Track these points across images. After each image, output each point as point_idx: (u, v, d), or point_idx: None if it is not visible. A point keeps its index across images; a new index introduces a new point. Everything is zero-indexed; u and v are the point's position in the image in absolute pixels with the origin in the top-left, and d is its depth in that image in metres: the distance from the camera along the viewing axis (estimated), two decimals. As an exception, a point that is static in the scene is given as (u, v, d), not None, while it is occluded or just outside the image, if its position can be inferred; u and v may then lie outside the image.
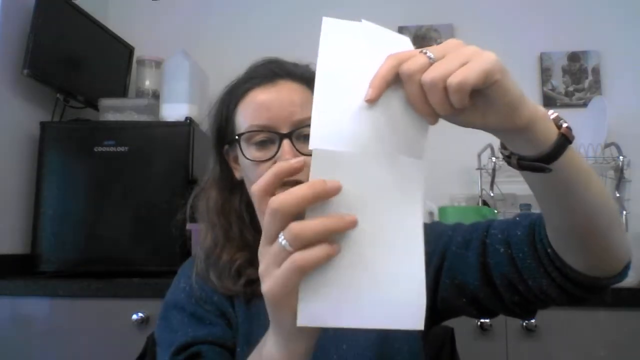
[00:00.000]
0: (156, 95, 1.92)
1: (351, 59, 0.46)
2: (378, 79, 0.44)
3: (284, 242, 0.43)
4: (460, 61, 0.43)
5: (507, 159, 0.52)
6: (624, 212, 1.75)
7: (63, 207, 1.61)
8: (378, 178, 0.45)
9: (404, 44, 0.48)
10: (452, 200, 1.84)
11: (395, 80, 0.45)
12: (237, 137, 0.75)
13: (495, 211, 1.73)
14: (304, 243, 0.43)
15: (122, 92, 2.03)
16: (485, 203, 1.80)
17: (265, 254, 0.45)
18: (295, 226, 0.43)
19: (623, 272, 0.59)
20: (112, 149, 1.62)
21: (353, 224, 0.43)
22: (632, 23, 2.02)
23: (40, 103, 1.79)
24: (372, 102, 0.44)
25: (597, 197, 0.54)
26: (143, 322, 1.40)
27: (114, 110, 1.77)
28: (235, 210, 0.79)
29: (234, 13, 2.21)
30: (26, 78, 1.65)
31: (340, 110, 0.45)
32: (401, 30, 2.11)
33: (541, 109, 0.49)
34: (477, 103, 0.46)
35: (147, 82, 1.98)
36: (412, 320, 0.44)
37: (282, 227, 0.43)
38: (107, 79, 1.99)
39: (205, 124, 1.88)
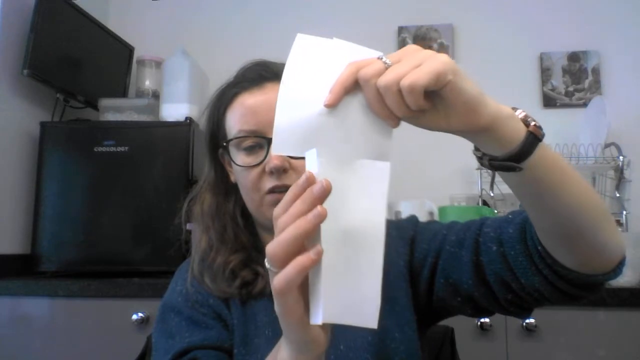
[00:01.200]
0: (156, 95, 1.92)
1: (316, 71, 0.48)
2: (337, 84, 0.46)
3: (267, 265, 0.46)
4: (414, 64, 0.45)
5: (480, 160, 0.53)
6: (624, 212, 1.75)
7: (63, 207, 1.61)
8: (343, 182, 0.46)
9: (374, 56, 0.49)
10: (452, 200, 1.84)
11: (356, 87, 0.47)
12: (225, 143, 0.76)
13: (495, 211, 1.73)
14: (282, 261, 0.45)
15: (122, 92, 2.03)
16: (485, 203, 1.80)
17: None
18: (269, 247, 0.45)
19: (617, 269, 0.59)
20: (112, 149, 1.62)
21: (320, 217, 0.44)
22: (632, 23, 2.02)
23: (40, 103, 1.79)
24: (330, 106, 0.46)
25: (578, 195, 0.53)
26: (143, 322, 1.40)
27: (114, 110, 1.77)
28: (229, 214, 0.80)
29: (234, 13, 2.21)
30: (26, 78, 1.65)
31: (303, 117, 0.47)
32: (401, 30, 2.11)
33: (506, 108, 0.50)
34: (437, 106, 0.47)
35: (147, 82, 1.98)
36: (370, 319, 0.47)
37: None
38: (107, 79, 1.99)
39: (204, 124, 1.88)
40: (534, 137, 0.49)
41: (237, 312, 0.75)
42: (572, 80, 2.02)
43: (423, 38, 2.10)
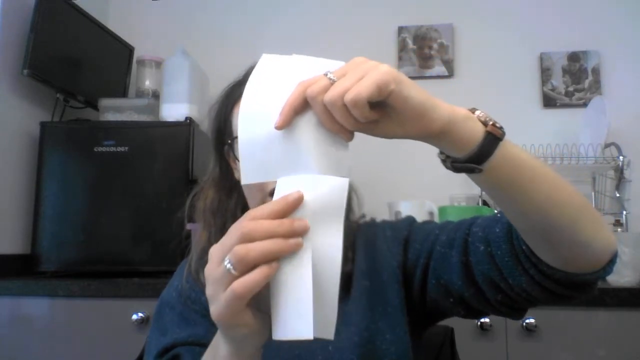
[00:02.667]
0: (156, 95, 1.92)
1: (274, 93, 0.49)
2: (286, 106, 0.47)
3: (228, 265, 0.45)
4: (357, 77, 0.45)
5: (444, 163, 0.54)
6: (624, 212, 1.75)
7: (63, 207, 1.61)
8: (305, 201, 0.47)
9: (334, 68, 0.49)
10: (452, 200, 1.84)
11: (308, 105, 0.47)
12: (230, 141, 0.76)
13: (495, 211, 1.73)
14: (247, 266, 0.45)
15: (122, 92, 2.03)
16: (485, 203, 1.80)
17: (210, 277, 0.47)
18: (240, 249, 0.45)
19: (607, 268, 0.58)
20: (112, 149, 1.62)
21: (298, 247, 0.46)
22: (632, 23, 2.02)
23: (40, 103, 1.79)
24: (280, 128, 0.47)
25: (550, 194, 0.53)
26: (143, 322, 1.40)
27: (114, 110, 1.77)
28: (230, 211, 0.80)
29: (234, 13, 2.21)
30: (26, 78, 1.65)
31: (262, 142, 0.48)
32: (401, 30, 2.11)
33: (461, 110, 0.50)
34: (390, 114, 0.48)
35: (147, 82, 1.98)
36: (328, 330, 0.48)
37: (233, 243, 0.46)
38: (107, 79, 1.99)
39: (205, 124, 1.88)
40: (493, 137, 0.49)
41: None
42: (572, 80, 2.02)
43: (423, 38, 2.10)
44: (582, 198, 0.56)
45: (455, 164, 0.52)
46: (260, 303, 0.48)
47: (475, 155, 0.49)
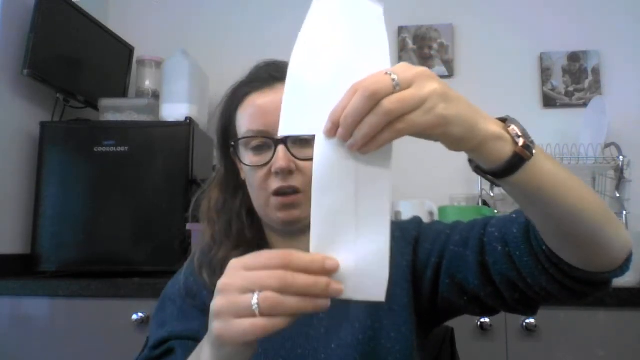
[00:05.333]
0: (156, 95, 1.92)
1: (328, 43, 0.49)
2: (336, 115, 0.45)
3: (255, 305, 0.45)
4: (419, 101, 0.44)
5: (469, 162, 0.54)
6: (624, 212, 1.75)
7: (63, 207, 1.61)
8: (349, 167, 0.47)
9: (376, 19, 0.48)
10: (452, 200, 1.84)
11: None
12: (233, 142, 0.76)
13: (495, 211, 1.73)
14: (273, 314, 0.45)
15: (122, 92, 2.03)
16: (485, 203, 1.80)
17: (231, 297, 0.46)
18: (274, 298, 0.45)
19: (624, 266, 0.59)
20: (112, 149, 1.62)
21: (325, 308, 0.46)
22: (632, 23, 2.02)
23: (40, 103, 1.79)
24: (328, 135, 0.47)
25: (574, 204, 0.53)
26: (143, 322, 1.40)
27: (114, 110, 1.77)
28: (235, 210, 0.80)
29: (234, 13, 2.21)
30: (26, 78, 1.65)
31: (309, 98, 0.47)
32: (401, 30, 2.11)
33: (494, 127, 0.49)
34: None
35: (147, 82, 1.98)
36: (377, 292, 0.47)
37: (266, 286, 0.45)
38: (107, 79, 1.99)
39: (204, 124, 1.88)
40: (520, 158, 0.49)
41: None
42: (572, 80, 2.02)
43: (423, 38, 2.10)
44: (603, 202, 0.57)
45: (477, 170, 0.53)
46: None
47: (498, 172, 0.50)
